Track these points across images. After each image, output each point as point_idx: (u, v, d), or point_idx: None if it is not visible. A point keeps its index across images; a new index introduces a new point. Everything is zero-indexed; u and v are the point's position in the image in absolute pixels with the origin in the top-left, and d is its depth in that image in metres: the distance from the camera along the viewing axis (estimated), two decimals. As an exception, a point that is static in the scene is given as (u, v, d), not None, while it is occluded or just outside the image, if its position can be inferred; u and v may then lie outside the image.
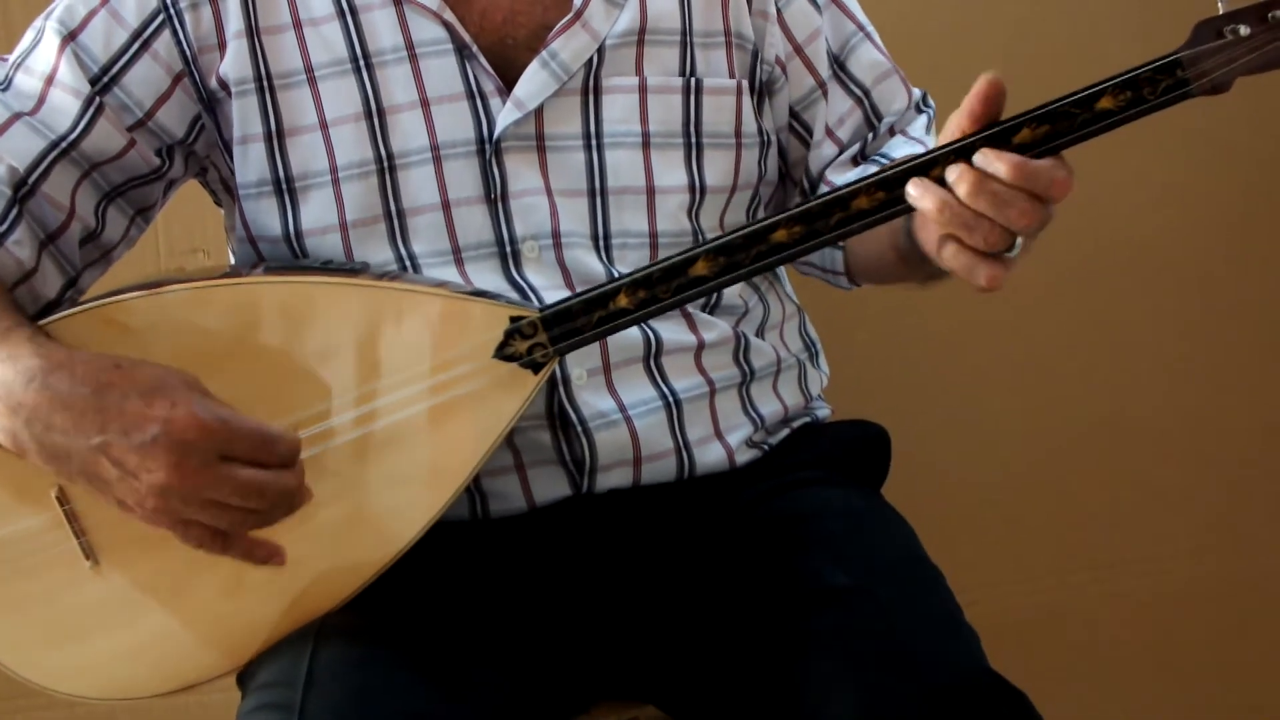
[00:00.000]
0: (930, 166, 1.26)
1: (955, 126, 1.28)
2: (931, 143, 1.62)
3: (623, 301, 1.32)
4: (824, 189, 1.61)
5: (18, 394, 1.26)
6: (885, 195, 1.28)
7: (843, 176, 1.61)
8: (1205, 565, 2.43)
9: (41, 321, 1.35)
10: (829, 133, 1.62)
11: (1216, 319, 2.40)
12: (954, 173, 1.24)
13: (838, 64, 1.63)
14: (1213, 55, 1.23)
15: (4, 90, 1.46)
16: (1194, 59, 1.24)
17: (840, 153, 1.63)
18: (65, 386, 1.25)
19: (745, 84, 1.56)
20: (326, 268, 1.45)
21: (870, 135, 1.64)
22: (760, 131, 1.58)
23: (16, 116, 1.44)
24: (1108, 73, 1.26)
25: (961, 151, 1.25)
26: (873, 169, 1.57)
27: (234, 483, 1.24)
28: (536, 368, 1.35)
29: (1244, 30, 1.23)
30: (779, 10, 1.58)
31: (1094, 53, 2.19)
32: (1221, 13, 1.24)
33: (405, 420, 1.34)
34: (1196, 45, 1.24)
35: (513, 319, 1.34)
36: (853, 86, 1.63)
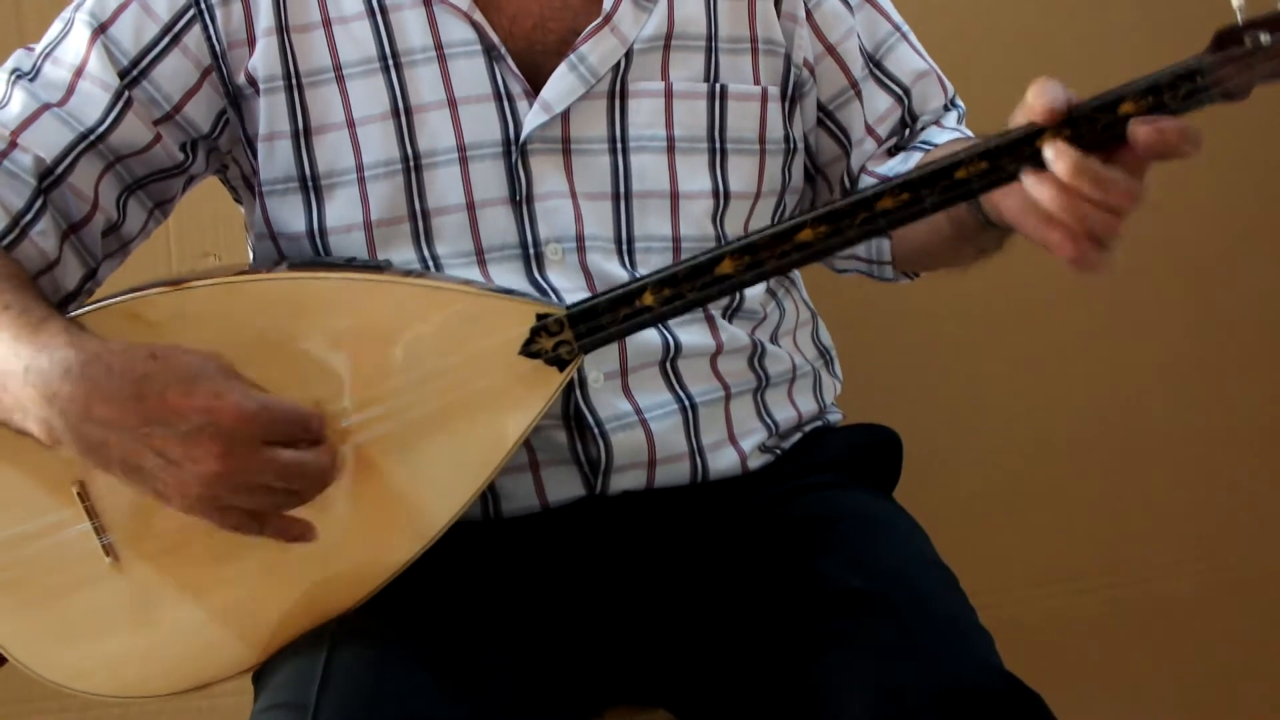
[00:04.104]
0: (955, 168, 1.28)
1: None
2: (968, 134, 1.63)
3: (648, 299, 1.33)
4: (866, 180, 1.63)
5: (54, 384, 1.25)
6: (909, 196, 1.29)
7: (882, 166, 1.62)
8: (1215, 570, 2.44)
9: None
10: (870, 131, 1.63)
11: (1225, 325, 2.41)
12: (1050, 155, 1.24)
13: (874, 63, 1.63)
14: (1233, 62, 1.24)
15: (31, 80, 1.46)
16: (1214, 65, 1.24)
17: (879, 147, 1.63)
18: (103, 377, 1.24)
19: (774, 90, 1.56)
20: (351, 264, 1.45)
21: (906, 132, 1.65)
22: (787, 138, 1.58)
23: (45, 107, 1.44)
24: (1114, 72, 1.28)
25: (988, 154, 1.27)
26: (916, 155, 1.60)
27: (276, 465, 1.24)
28: (561, 365, 1.35)
29: (1265, 38, 1.23)
30: (809, 11, 1.59)
31: (1102, 52, 2.21)
32: (1240, 21, 1.24)
33: (429, 416, 1.34)
34: (1217, 52, 1.24)
35: (539, 316, 1.34)
36: (892, 85, 1.64)
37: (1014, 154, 1.27)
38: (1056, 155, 1.23)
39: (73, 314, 1.35)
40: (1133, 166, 1.25)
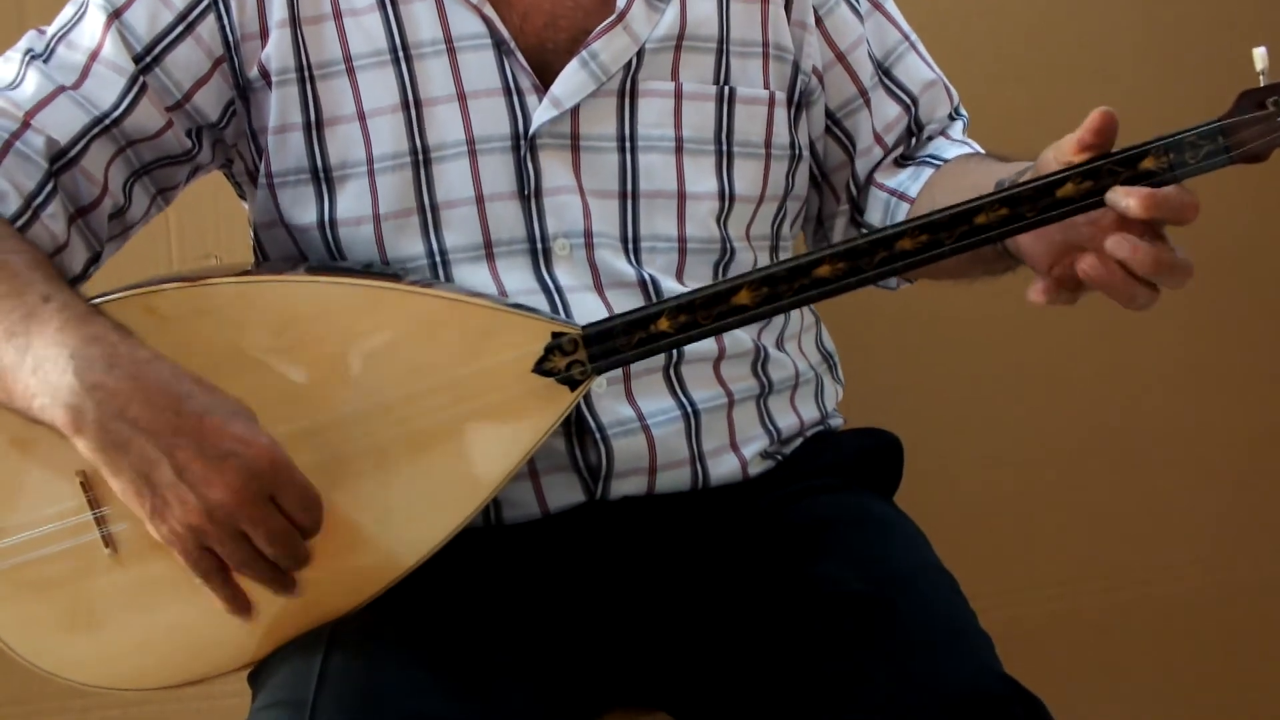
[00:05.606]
0: (976, 213, 1.30)
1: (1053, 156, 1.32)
2: (975, 147, 1.65)
3: (664, 325, 1.34)
4: (873, 191, 1.64)
5: (97, 375, 1.23)
6: (928, 238, 1.31)
7: (892, 180, 1.63)
8: (1214, 573, 2.45)
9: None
10: (877, 139, 1.64)
11: (1225, 326, 2.41)
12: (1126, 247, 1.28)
13: (883, 71, 1.64)
14: (1254, 125, 1.26)
15: (45, 61, 1.45)
16: (1235, 127, 1.27)
17: (885, 156, 1.64)
18: (148, 381, 1.23)
19: (782, 96, 1.57)
20: (369, 271, 1.45)
21: (912, 140, 1.66)
22: (792, 145, 1.59)
23: (60, 89, 1.44)
24: (1115, 71, 1.27)
25: (1008, 200, 1.29)
26: (926, 171, 1.61)
27: (270, 525, 1.24)
28: (573, 384, 1.36)
29: None
30: (819, 18, 1.59)
31: (1104, 53, 2.20)
32: (1263, 84, 1.27)
33: (438, 427, 1.35)
34: (1239, 114, 1.27)
35: (554, 334, 1.35)
36: (900, 94, 1.64)
37: (1034, 203, 1.29)
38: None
39: (93, 300, 1.34)
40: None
